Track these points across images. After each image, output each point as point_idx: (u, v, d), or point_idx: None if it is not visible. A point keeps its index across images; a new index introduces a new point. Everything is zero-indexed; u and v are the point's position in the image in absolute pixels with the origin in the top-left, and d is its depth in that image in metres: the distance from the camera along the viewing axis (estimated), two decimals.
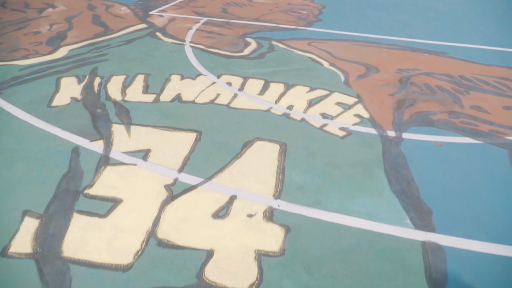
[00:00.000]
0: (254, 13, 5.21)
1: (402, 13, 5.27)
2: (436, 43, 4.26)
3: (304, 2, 5.70)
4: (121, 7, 5.43)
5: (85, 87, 3.28)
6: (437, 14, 5.25)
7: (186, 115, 2.89)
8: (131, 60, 3.78)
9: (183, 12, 5.24)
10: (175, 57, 3.86)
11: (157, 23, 4.79)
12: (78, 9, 5.38)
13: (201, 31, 4.53)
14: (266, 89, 3.25)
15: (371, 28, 4.69)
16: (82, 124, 2.78)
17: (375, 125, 2.77)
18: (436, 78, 3.46)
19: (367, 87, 3.29)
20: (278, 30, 4.58)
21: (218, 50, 4.01)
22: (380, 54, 3.95)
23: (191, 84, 3.32)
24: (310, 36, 4.41)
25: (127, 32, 4.50)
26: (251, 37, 4.34)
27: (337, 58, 3.84)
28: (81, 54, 3.93)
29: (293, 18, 5.00)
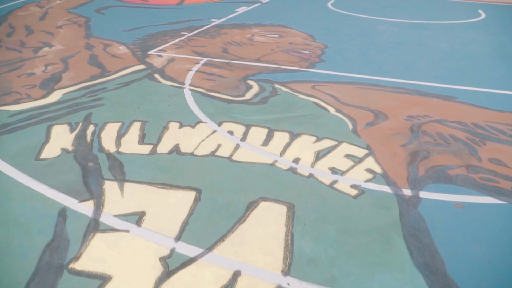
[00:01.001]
0: (255, 53, 5.10)
1: (406, 53, 5.18)
2: (444, 86, 4.13)
3: (305, 41, 5.63)
4: (120, 47, 5.32)
5: (77, 137, 3.08)
6: (442, 54, 5.16)
7: (185, 169, 2.68)
8: (127, 105, 3.61)
9: (182, 52, 5.14)
10: (174, 101, 3.70)
11: (155, 64, 4.66)
12: (76, 48, 5.27)
13: (201, 73, 4.40)
14: (270, 139, 3.06)
15: (375, 70, 4.57)
16: (72, 180, 2.56)
17: (389, 182, 2.57)
18: (448, 126, 3.29)
19: (377, 137, 3.11)
20: (281, 72, 4.45)
21: (218, 94, 3.85)
22: (387, 99, 3.80)
23: (190, 133, 3.13)
24: (313, 78, 4.28)
25: (124, 74, 4.35)
26: (252, 80, 4.20)
27: (343, 103, 3.68)
28: (75, 98, 3.76)
29: (295, 58, 4.89)
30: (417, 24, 6.77)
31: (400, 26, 6.65)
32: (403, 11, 7.86)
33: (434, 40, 5.84)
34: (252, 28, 6.28)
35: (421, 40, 5.81)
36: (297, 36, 5.87)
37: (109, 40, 5.63)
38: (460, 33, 6.28)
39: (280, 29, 6.26)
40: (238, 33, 6.00)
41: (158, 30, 6.18)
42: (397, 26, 6.62)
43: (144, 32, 6.10)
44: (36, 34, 5.95)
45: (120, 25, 6.51)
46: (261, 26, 6.46)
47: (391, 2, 8.87)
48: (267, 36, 5.86)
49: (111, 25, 6.51)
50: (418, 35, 6.07)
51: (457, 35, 6.16)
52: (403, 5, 8.43)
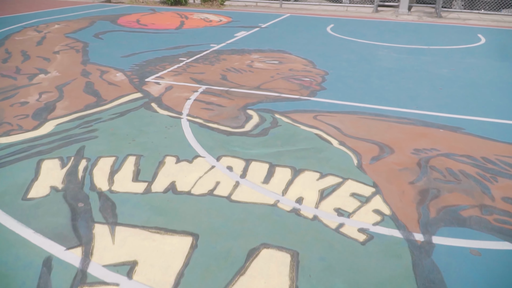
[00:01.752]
0: (255, 80, 5.01)
1: (408, 81, 5.10)
2: (449, 116, 4.01)
3: (306, 68, 5.55)
4: (117, 73, 5.23)
5: (68, 173, 2.93)
6: (445, 82, 5.08)
7: (181, 211, 2.52)
8: (122, 138, 3.47)
9: (180, 79, 5.04)
10: (170, 133, 3.56)
11: (153, 92, 4.55)
12: (72, 75, 5.17)
13: (199, 102, 4.28)
14: (271, 175, 2.91)
15: (378, 98, 4.46)
16: (60, 223, 2.39)
17: (399, 225, 2.41)
18: (457, 161, 3.15)
19: (384, 173, 2.96)
20: (281, 101, 4.33)
21: (217, 125, 3.72)
22: (392, 130, 3.67)
23: (187, 169, 2.98)
24: (314, 107, 4.16)
25: (120, 103, 4.23)
26: (252, 109, 4.08)
27: (347, 135, 3.55)
28: (68, 129, 3.62)
29: (296, 86, 4.79)
30: (416, 49, 6.73)
31: (400, 51, 6.61)
32: (401, 36, 7.85)
33: (435, 66, 5.78)
34: (251, 54, 6.21)
35: (422, 66, 5.75)
36: (297, 63, 5.79)
37: (106, 67, 5.54)
38: (460, 58, 6.23)
39: (280, 55, 6.20)
40: (237, 59, 5.93)
41: (157, 56, 6.11)
42: (397, 52, 6.58)
43: (142, 57, 6.03)
44: (32, 60, 5.86)
45: (118, 50, 6.45)
46: (261, 51, 6.40)
47: (389, 26, 8.89)
48: (267, 62, 5.79)
49: (109, 50, 6.44)
50: (418, 61, 6.01)
51: (458, 61, 6.11)
52: (401, 30, 8.44)
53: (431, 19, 10.07)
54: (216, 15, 10.07)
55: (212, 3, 11.99)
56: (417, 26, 9.08)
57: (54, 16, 9.72)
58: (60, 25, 8.57)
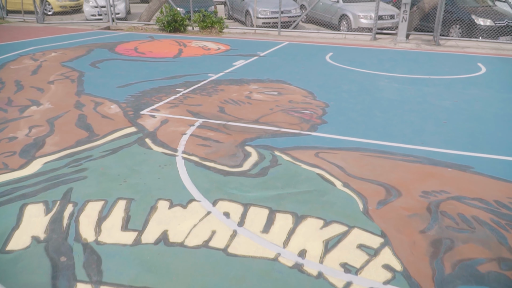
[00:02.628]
0: (254, 113, 4.86)
1: (411, 113, 4.96)
2: (456, 153, 3.85)
3: (305, 99, 5.42)
4: (111, 105, 5.07)
5: (52, 220, 2.71)
6: (448, 115, 4.94)
7: (173, 267, 2.30)
8: (113, 178, 3.27)
9: (177, 111, 4.89)
10: (164, 173, 3.37)
11: (147, 126, 4.39)
12: (65, 107, 5.02)
13: (195, 137, 4.11)
14: (271, 223, 2.70)
15: (381, 133, 4.30)
16: (38, 283, 2.17)
17: (412, 284, 2.19)
18: (469, 205, 2.96)
19: (392, 220, 2.76)
20: (281, 136, 4.17)
21: (214, 164, 3.53)
22: (398, 169, 3.49)
23: (181, 215, 2.78)
24: (316, 143, 3.99)
25: (113, 138, 4.06)
26: (251, 146, 3.91)
27: (350, 175, 3.37)
28: (56, 168, 3.42)
29: (296, 119, 4.64)
30: (417, 80, 6.64)
31: (400, 81, 6.51)
32: (401, 65, 7.79)
33: (437, 97, 5.66)
34: (250, 84, 6.10)
35: (424, 98, 5.63)
36: (296, 94, 5.67)
37: (101, 98, 5.40)
38: (462, 89, 6.12)
39: (279, 85, 6.08)
40: (235, 90, 5.81)
41: (153, 86, 5.98)
42: (397, 82, 6.48)
43: (138, 88, 5.90)
44: (25, 91, 5.72)
45: (114, 80, 6.33)
46: (259, 82, 6.29)
47: (389, 55, 8.86)
48: (266, 93, 5.66)
49: (105, 80, 6.32)
50: (420, 92, 5.90)
51: (460, 91, 6.00)
52: (400, 59, 8.40)
53: (429, 47, 10.08)
54: (214, 43, 10.06)
55: (211, 30, 12.02)
56: (416, 54, 9.05)
57: (52, 43, 9.67)
58: (57, 53, 8.50)
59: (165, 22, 11.96)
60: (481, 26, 11.25)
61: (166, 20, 11.94)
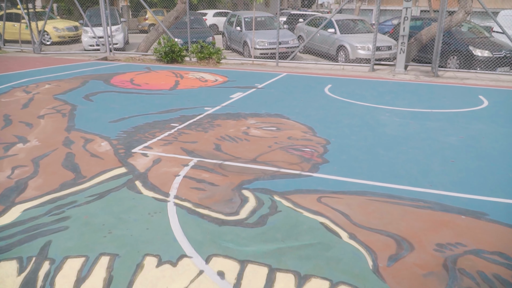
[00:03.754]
0: (251, 151, 4.62)
1: (416, 151, 4.74)
2: (467, 197, 3.59)
3: (305, 135, 5.21)
4: (102, 143, 4.84)
5: (25, 282, 2.41)
6: (455, 152, 4.72)
7: None
8: (97, 229, 2.99)
9: (170, 149, 4.65)
10: (154, 222, 3.09)
11: (139, 166, 4.13)
12: (53, 144, 4.77)
13: (189, 179, 3.85)
14: (271, 285, 2.41)
15: (387, 174, 4.06)
16: None
17: None
18: (488, 261, 2.68)
19: (406, 280, 2.47)
20: (280, 177, 3.92)
21: (208, 211, 3.26)
22: (407, 217, 3.23)
23: (170, 275, 2.48)
24: (318, 186, 3.74)
25: (101, 181, 3.79)
26: (248, 189, 3.65)
27: (357, 224, 3.09)
28: (36, 217, 3.14)
29: (296, 158, 4.40)
30: (418, 113, 6.47)
31: (402, 115, 6.33)
32: (402, 97, 7.64)
33: (441, 133, 5.46)
34: (247, 119, 5.90)
35: (428, 134, 5.42)
36: (296, 129, 5.46)
37: (92, 134, 5.17)
38: (466, 124, 5.94)
39: (277, 120, 5.89)
40: (232, 125, 5.60)
41: (147, 121, 5.77)
42: (399, 116, 6.30)
43: (131, 123, 5.69)
44: (13, 126, 5.50)
45: (107, 114, 6.12)
46: (257, 116, 6.10)
47: (388, 87, 8.75)
48: (264, 129, 5.45)
49: (97, 114, 6.11)
50: (423, 127, 5.71)
51: (464, 126, 5.82)
52: (400, 91, 8.27)
53: (428, 79, 10.01)
54: (211, 74, 9.96)
55: (209, 61, 11.98)
56: (416, 86, 8.95)
57: (47, 75, 9.54)
58: (51, 85, 8.34)
59: (163, 53, 11.92)
60: (479, 57, 11.25)
61: (164, 50, 11.91)
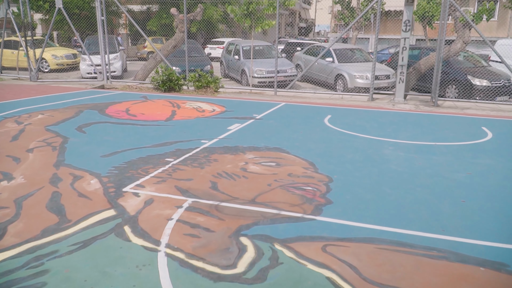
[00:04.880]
0: (250, 189, 4.36)
1: (424, 190, 4.49)
2: (484, 244, 3.32)
3: (306, 172, 4.96)
4: (91, 180, 4.56)
5: None
6: (465, 191, 4.47)
7: None
8: (77, 286, 2.67)
9: (164, 188, 4.37)
10: (142, 277, 2.78)
11: (129, 208, 3.85)
12: (39, 182, 4.49)
13: (183, 224, 3.57)
14: None
15: (395, 216, 3.79)
16: None
17: None
18: None
19: None
20: (281, 221, 3.64)
21: (203, 263, 2.96)
22: (421, 269, 2.94)
23: None
24: (322, 232, 3.46)
25: (87, 225, 3.50)
26: (247, 236, 3.36)
27: (367, 279, 2.80)
28: (12, 271, 2.83)
29: (297, 198, 4.14)
30: (423, 147, 6.25)
31: (405, 149, 6.11)
32: (403, 129, 7.45)
33: (448, 169, 5.22)
34: (245, 153, 5.66)
35: (434, 169, 5.19)
36: (296, 165, 5.22)
37: (81, 170, 4.90)
38: (473, 158, 5.72)
39: (277, 155, 5.65)
40: (230, 160, 5.35)
41: (141, 155, 5.52)
42: (402, 149, 6.08)
43: (124, 157, 5.43)
44: (0, 161, 5.23)
45: (100, 147, 5.87)
46: (256, 150, 5.86)
47: (389, 118, 8.58)
48: (263, 164, 5.20)
49: (89, 148, 5.86)
50: (429, 162, 5.48)
51: (471, 161, 5.59)
52: (401, 122, 8.10)
53: (428, 108, 9.88)
54: (209, 104, 9.79)
55: (206, 90, 11.87)
56: (416, 116, 8.79)
57: (41, 104, 9.35)
58: (44, 115, 8.12)
59: (160, 82, 11.81)
60: (478, 87, 11.20)
61: (161, 79, 11.80)
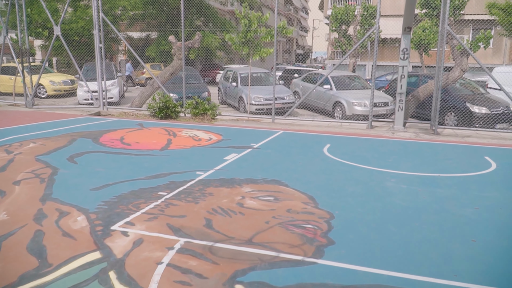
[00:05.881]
0: (247, 228, 4.10)
1: (431, 228, 4.23)
2: None
3: (306, 207, 4.71)
4: (78, 217, 4.30)
5: None
6: (474, 228, 4.22)
7: None
8: None
9: (155, 226, 4.11)
10: None
11: (116, 250, 3.57)
12: (22, 219, 4.22)
13: (173, 268, 3.29)
14: None
15: (402, 259, 3.53)
16: None
17: None
18: None
19: None
20: (280, 264, 3.37)
21: None
22: None
23: None
24: (325, 279, 3.18)
25: (69, 271, 3.22)
26: (243, 283, 3.08)
27: None
28: None
29: (298, 239, 3.87)
30: (426, 178, 6.03)
31: (408, 181, 5.88)
32: (405, 159, 7.24)
33: (454, 203, 4.98)
34: (242, 186, 5.42)
35: (440, 204, 4.94)
36: (295, 199, 4.97)
37: (69, 205, 4.63)
38: (479, 191, 5.49)
39: (275, 188, 5.40)
40: (226, 194, 5.10)
41: (133, 189, 5.26)
42: (405, 182, 5.85)
43: (115, 190, 5.18)
44: None
45: (90, 179, 5.63)
46: (253, 182, 5.62)
47: (389, 147, 8.40)
48: (260, 199, 4.96)
49: (79, 180, 5.61)
50: (434, 196, 5.24)
51: (478, 194, 5.36)
52: (402, 151, 7.90)
53: (428, 137, 9.72)
54: (205, 132, 9.61)
55: (203, 117, 11.72)
56: (417, 145, 8.61)
57: (34, 132, 9.14)
58: (36, 143, 7.90)
59: (157, 109, 11.68)
60: (477, 114, 11.10)
61: (158, 106, 11.68)
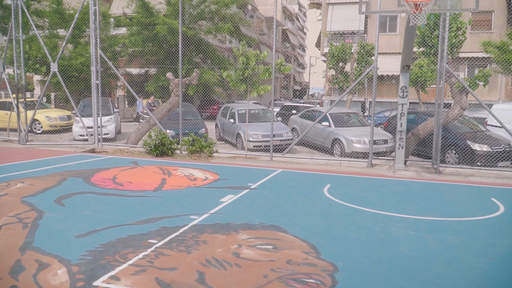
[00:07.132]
0: (243, 283, 3.74)
1: (444, 281, 3.89)
2: None
3: (307, 258, 4.36)
4: (59, 270, 3.93)
5: None
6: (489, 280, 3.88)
7: None
8: None
9: (142, 281, 3.74)
10: None
11: None
12: None
13: None
14: None
15: None
16: None
17: None
18: None
19: None
20: None
21: None
22: None
23: None
24: None
25: None
26: None
27: None
28: None
29: None
30: (433, 223, 5.71)
31: (415, 226, 5.56)
32: (408, 201, 6.94)
33: (466, 253, 4.65)
34: (239, 233, 5.08)
35: (451, 253, 4.61)
36: (295, 248, 4.63)
37: (50, 256, 4.27)
38: (490, 238, 5.17)
39: (274, 234, 5.07)
40: (221, 242, 4.75)
41: (121, 235, 4.92)
42: (412, 227, 5.52)
43: (102, 238, 4.83)
44: None
45: (76, 225, 5.28)
46: (250, 228, 5.29)
47: (391, 187, 8.11)
48: (258, 247, 4.61)
49: (64, 225, 5.26)
50: (443, 244, 4.91)
51: (489, 241, 5.04)
52: (405, 193, 7.60)
53: (431, 176, 9.47)
54: (202, 171, 9.32)
55: (200, 154, 11.48)
56: (420, 185, 8.34)
57: (24, 170, 8.83)
58: (24, 183, 7.57)
59: (152, 146, 11.45)
60: (478, 152, 10.93)
61: (154, 143, 11.45)
